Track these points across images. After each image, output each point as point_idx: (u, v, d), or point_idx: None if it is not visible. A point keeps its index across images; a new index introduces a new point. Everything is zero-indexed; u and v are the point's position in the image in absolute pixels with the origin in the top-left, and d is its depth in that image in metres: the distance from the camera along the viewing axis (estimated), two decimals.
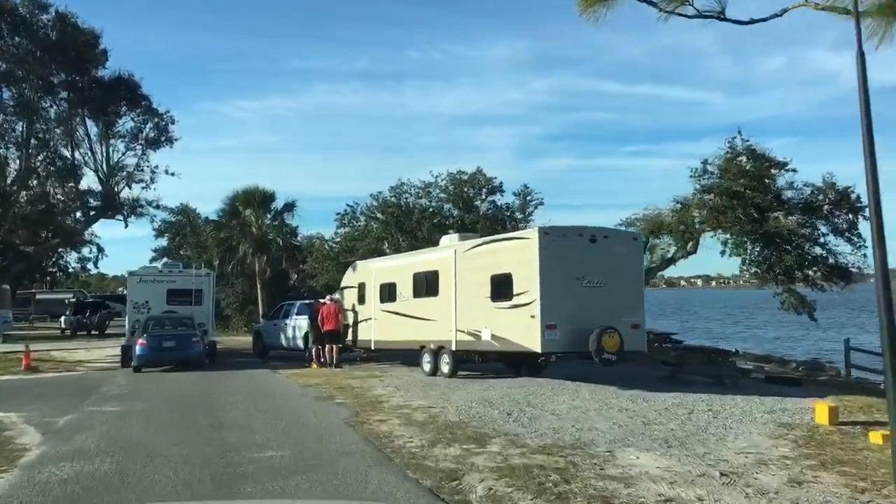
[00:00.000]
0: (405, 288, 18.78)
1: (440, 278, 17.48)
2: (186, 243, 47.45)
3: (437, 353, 17.19)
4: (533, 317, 14.45)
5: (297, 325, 22.88)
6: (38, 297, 59.69)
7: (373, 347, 20.18)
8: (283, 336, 23.81)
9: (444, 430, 10.00)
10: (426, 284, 18.11)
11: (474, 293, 16.22)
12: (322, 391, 14.57)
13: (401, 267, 19.43)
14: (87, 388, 15.48)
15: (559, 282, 14.55)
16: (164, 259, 45.74)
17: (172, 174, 26.03)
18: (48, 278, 62.89)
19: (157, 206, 26.61)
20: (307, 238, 43.22)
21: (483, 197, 40.67)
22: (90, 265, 53.42)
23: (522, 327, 14.76)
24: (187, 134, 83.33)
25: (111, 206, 25.50)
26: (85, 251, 48.76)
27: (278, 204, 39.52)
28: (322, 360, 20.05)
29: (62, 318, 42.66)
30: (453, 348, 16.74)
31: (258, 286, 38.47)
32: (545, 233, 14.76)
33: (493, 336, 15.60)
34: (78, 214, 26.50)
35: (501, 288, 15.41)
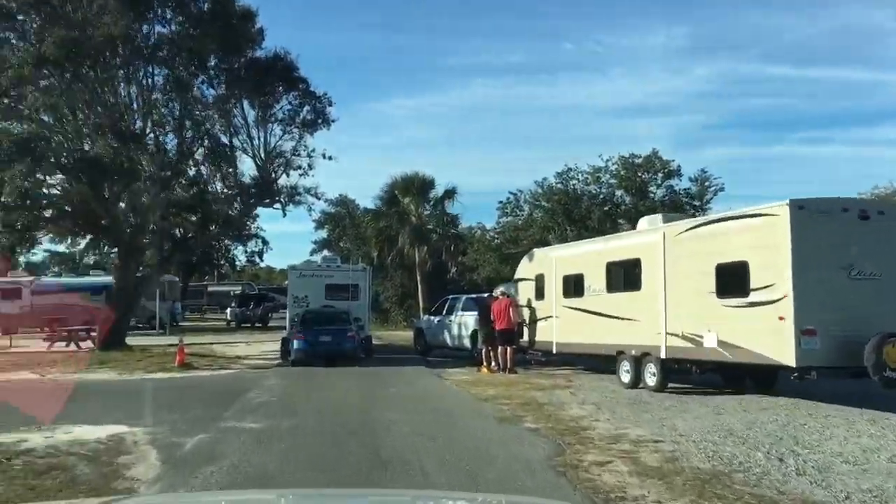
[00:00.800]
0: (596, 280, 15.49)
1: (643, 268, 14.06)
2: (346, 235, 46.85)
3: (639, 361, 13.82)
4: (782, 318, 10.89)
5: (464, 323, 20.57)
6: (209, 289, 61.98)
7: (554, 351, 16.99)
8: (447, 334, 21.64)
9: (701, 486, 6.76)
10: (624, 276, 14.79)
11: (692, 287, 12.73)
12: (503, 408, 11.66)
13: (590, 255, 16.11)
14: (234, 393, 13.54)
15: (819, 272, 10.96)
16: (324, 251, 45.32)
17: (330, 158, 24.22)
18: (221, 270, 65.04)
19: (315, 195, 25.00)
20: (467, 229, 41.04)
21: (659, 182, 36.54)
22: (256, 258, 54.43)
23: (766, 332, 11.21)
24: (344, 131, 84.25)
25: (268, 192, 24.13)
26: (251, 244, 49.59)
27: (438, 192, 37.41)
28: (495, 363, 17.24)
29: (227, 311, 43.45)
30: (662, 356, 13.29)
31: (418, 278, 36.62)
32: (798, 207, 11.02)
33: (719, 342, 12.05)
34: (238, 203, 25.38)
35: (732, 280, 11.88)
